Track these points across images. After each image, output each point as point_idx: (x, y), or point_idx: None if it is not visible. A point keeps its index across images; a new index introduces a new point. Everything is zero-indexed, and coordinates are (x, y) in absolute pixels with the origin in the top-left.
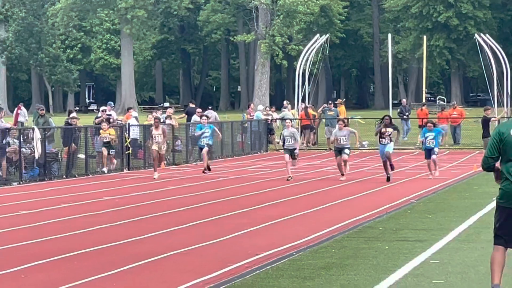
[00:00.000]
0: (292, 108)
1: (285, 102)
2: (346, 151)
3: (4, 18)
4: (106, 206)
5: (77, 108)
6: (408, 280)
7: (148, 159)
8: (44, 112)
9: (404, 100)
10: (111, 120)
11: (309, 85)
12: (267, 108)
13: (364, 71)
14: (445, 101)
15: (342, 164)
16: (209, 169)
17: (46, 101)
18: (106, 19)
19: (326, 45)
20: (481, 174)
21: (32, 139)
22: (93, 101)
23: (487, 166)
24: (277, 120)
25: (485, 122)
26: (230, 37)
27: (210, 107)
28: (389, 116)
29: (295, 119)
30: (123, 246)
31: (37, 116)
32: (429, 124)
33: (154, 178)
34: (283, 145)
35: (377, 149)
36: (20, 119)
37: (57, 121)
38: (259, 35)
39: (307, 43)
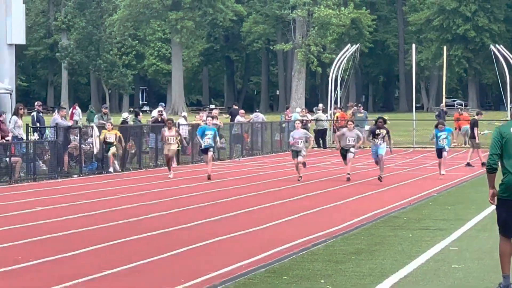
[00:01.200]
0: (325, 112)
1: (320, 105)
2: (352, 150)
3: (66, 27)
4: (157, 196)
5: (131, 109)
6: (430, 264)
7: (196, 155)
8: (107, 111)
9: (442, 104)
10: (164, 119)
11: (340, 89)
12: (303, 110)
13: (390, 77)
14: (463, 105)
15: (349, 163)
16: (209, 178)
17: (104, 102)
18: (158, 29)
19: (356, 54)
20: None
21: (91, 136)
22: (146, 103)
23: (493, 162)
24: (312, 121)
25: (474, 124)
26: (270, 46)
27: (257, 110)
28: (382, 118)
29: (330, 120)
30: (172, 232)
31: (100, 114)
32: (440, 126)
33: (169, 177)
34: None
35: (404, 147)
36: (75, 117)
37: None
38: (296, 44)
39: (339, 52)
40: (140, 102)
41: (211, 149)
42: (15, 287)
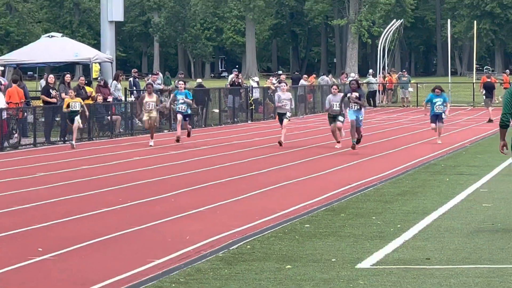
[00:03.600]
0: (375, 76)
1: (370, 71)
2: (340, 118)
3: (157, 7)
4: (236, 147)
5: (212, 75)
6: (463, 204)
7: (267, 114)
8: (183, 75)
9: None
10: (241, 82)
11: (387, 57)
12: (356, 75)
13: (429, 47)
14: (490, 70)
15: (337, 131)
16: (178, 141)
17: (189, 69)
18: (234, 8)
19: (400, 28)
20: None
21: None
22: (224, 69)
23: (506, 119)
24: (364, 84)
25: (488, 86)
26: (328, 22)
27: (322, 74)
28: (355, 80)
29: (378, 83)
30: (248, 178)
31: (177, 79)
32: (437, 90)
33: (150, 145)
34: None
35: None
36: (158, 81)
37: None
38: (350, 20)
39: (386, 26)
40: (220, 69)
41: (181, 116)
42: (116, 222)
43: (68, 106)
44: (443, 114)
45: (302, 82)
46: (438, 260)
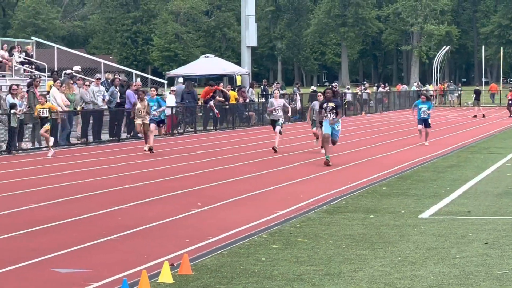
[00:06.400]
0: (430, 84)
1: (427, 82)
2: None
3: (280, 37)
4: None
5: (318, 84)
6: (494, 174)
7: (356, 111)
8: (299, 85)
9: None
10: (337, 90)
11: (439, 72)
12: (416, 84)
13: (468, 65)
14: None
15: (321, 137)
16: (151, 151)
17: (302, 80)
18: (334, 38)
19: (448, 52)
20: None
21: (295, 99)
22: (326, 81)
23: None
24: (423, 91)
25: (478, 92)
26: (398, 48)
27: (400, 83)
28: (331, 88)
29: (433, 90)
30: (343, 155)
31: (294, 87)
32: (422, 97)
33: (144, 150)
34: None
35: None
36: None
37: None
38: (413, 46)
39: (439, 51)
40: (323, 80)
41: (154, 122)
42: (251, 186)
43: (38, 113)
44: (429, 120)
45: (380, 89)
46: (476, 213)
